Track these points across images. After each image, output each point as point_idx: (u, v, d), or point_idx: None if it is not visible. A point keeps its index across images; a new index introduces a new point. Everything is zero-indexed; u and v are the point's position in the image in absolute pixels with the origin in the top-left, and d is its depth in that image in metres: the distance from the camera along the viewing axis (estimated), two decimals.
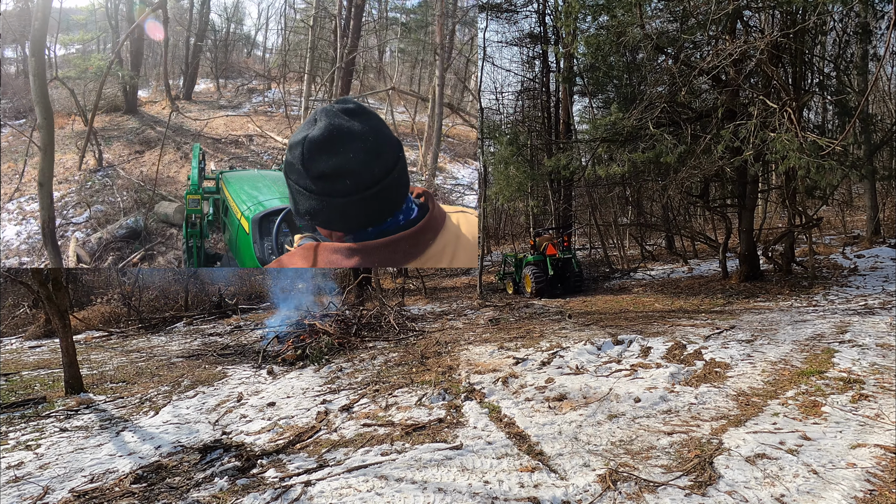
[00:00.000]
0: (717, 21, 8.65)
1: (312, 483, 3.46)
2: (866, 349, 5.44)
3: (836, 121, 11.37)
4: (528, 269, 12.36)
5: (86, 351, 9.82)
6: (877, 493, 2.84)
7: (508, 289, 13.59)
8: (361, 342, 8.24)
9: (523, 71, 21.51)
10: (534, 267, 12.28)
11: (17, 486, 3.88)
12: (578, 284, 12.58)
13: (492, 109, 21.71)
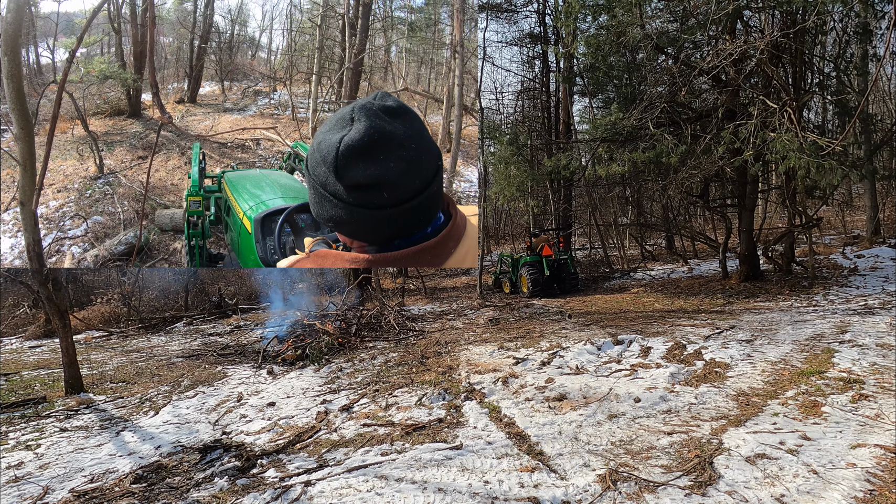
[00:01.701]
0: (717, 21, 8.65)
1: (312, 483, 3.46)
2: (866, 349, 5.44)
3: (836, 121, 11.38)
4: (525, 269, 12.58)
5: (86, 351, 9.82)
6: (877, 493, 2.84)
7: (505, 288, 13.80)
8: (361, 342, 8.24)
9: (523, 71, 21.52)
10: (530, 267, 12.49)
11: (17, 486, 3.88)
12: (574, 284, 12.88)
13: (492, 109, 21.73)
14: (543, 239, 13.12)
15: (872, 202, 13.68)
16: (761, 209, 14.79)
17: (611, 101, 12.83)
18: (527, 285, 12.40)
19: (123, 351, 9.84)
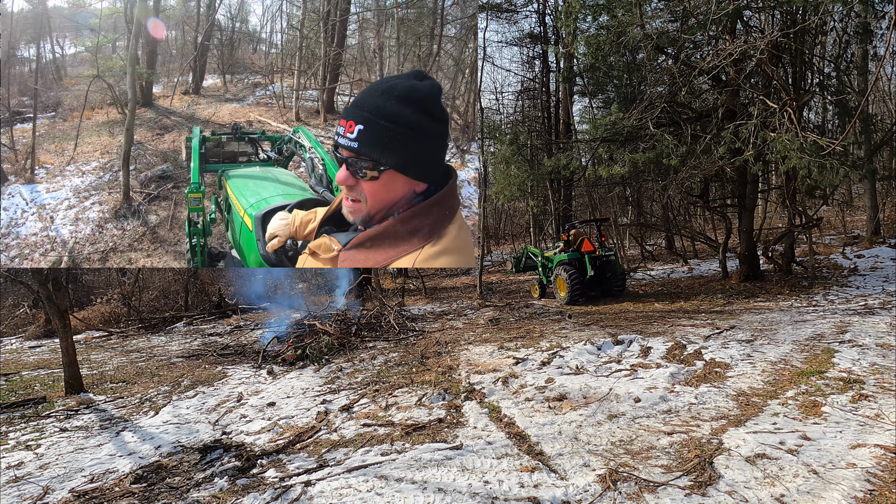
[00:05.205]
0: (717, 21, 8.65)
1: (312, 483, 3.46)
2: (866, 349, 5.44)
3: (836, 121, 11.38)
4: (562, 269, 10.32)
5: (86, 351, 9.83)
6: (877, 493, 2.84)
7: (534, 292, 11.88)
8: (361, 342, 8.24)
9: (523, 71, 21.55)
10: (568, 266, 10.25)
11: (17, 486, 3.88)
12: (622, 286, 10.73)
13: (492, 109, 21.73)
14: (581, 232, 11.17)
15: (872, 202, 13.68)
16: (761, 209, 14.79)
17: (611, 101, 12.82)
18: (565, 289, 10.28)
19: (123, 351, 9.84)
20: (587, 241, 10.68)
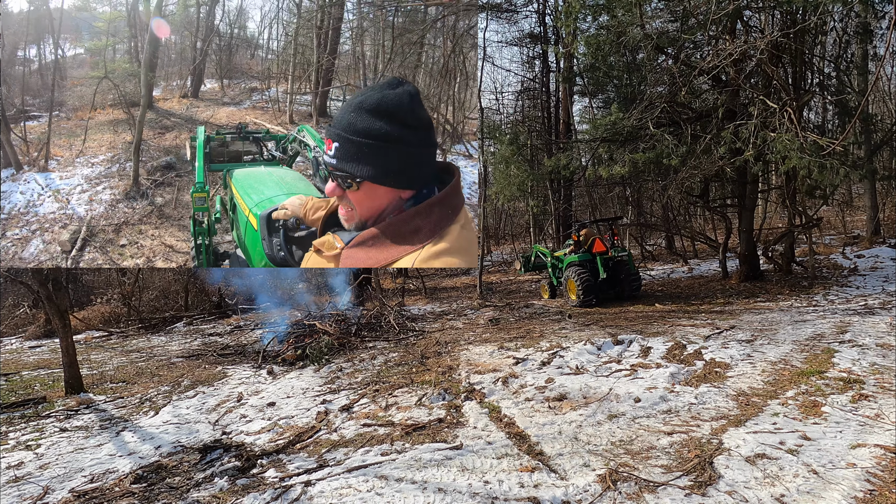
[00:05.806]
0: (717, 21, 8.64)
1: (312, 483, 3.46)
2: (866, 349, 5.44)
3: (836, 121, 11.37)
4: (573, 270, 9.97)
5: (86, 351, 9.83)
6: (877, 493, 2.84)
7: (544, 293, 11.55)
8: (361, 342, 8.24)
9: (523, 71, 21.52)
10: (580, 268, 9.90)
11: (17, 486, 3.88)
12: (637, 287, 10.39)
13: (492, 109, 21.72)
14: (592, 232, 10.84)
15: (872, 202, 13.68)
16: (761, 209, 14.79)
17: (611, 101, 12.82)
18: (576, 291, 9.92)
19: (123, 351, 9.84)
20: (599, 241, 10.35)
